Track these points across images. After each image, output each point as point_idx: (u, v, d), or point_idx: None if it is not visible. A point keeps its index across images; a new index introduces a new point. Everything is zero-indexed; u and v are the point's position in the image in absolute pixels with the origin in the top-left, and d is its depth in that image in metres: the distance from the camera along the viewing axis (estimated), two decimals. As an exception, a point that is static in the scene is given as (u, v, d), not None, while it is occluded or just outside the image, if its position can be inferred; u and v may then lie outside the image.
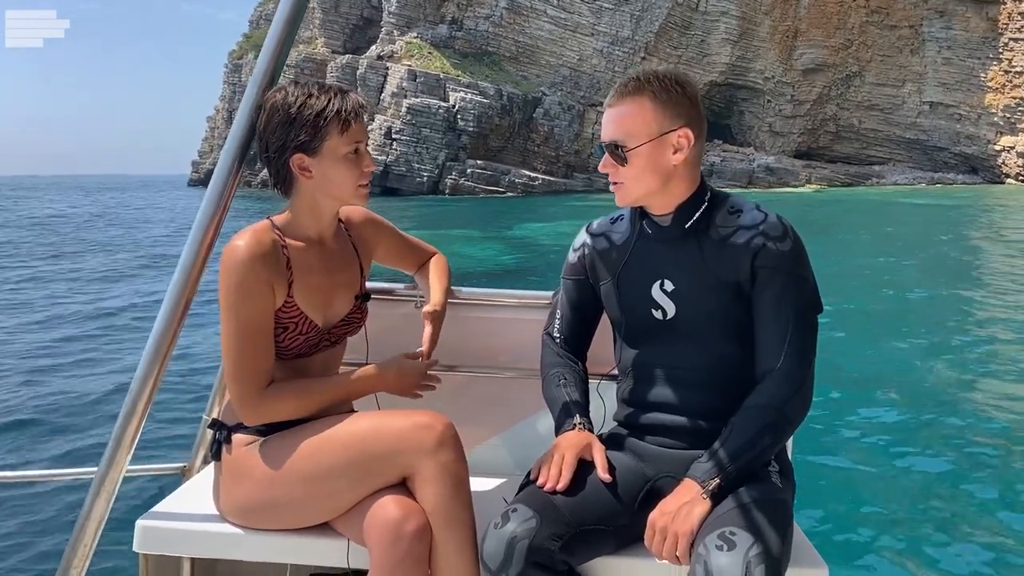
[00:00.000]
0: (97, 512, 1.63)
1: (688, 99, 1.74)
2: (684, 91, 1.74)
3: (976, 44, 71.85)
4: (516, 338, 2.29)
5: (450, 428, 1.73)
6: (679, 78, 1.76)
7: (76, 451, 5.80)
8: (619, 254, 1.87)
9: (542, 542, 1.59)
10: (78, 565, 1.63)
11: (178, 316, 1.67)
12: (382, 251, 2.15)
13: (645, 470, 1.81)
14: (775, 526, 1.54)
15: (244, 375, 1.76)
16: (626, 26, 69.84)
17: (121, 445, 1.63)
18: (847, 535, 4.52)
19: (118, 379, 7.71)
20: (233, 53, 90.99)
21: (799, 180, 68.28)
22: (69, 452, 5.79)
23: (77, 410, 6.88)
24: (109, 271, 17.49)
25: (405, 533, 1.64)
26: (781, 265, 1.70)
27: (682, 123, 1.72)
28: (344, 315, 1.95)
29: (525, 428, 2.31)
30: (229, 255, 1.75)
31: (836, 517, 4.74)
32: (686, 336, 1.78)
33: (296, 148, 1.79)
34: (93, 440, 5.96)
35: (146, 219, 38.65)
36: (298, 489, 1.73)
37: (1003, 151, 70.49)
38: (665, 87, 1.72)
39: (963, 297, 13.58)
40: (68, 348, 9.50)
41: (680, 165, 1.73)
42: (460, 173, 60.11)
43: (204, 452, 2.18)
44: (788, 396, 1.66)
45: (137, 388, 1.64)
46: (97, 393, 7.36)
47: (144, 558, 1.93)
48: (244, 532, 1.81)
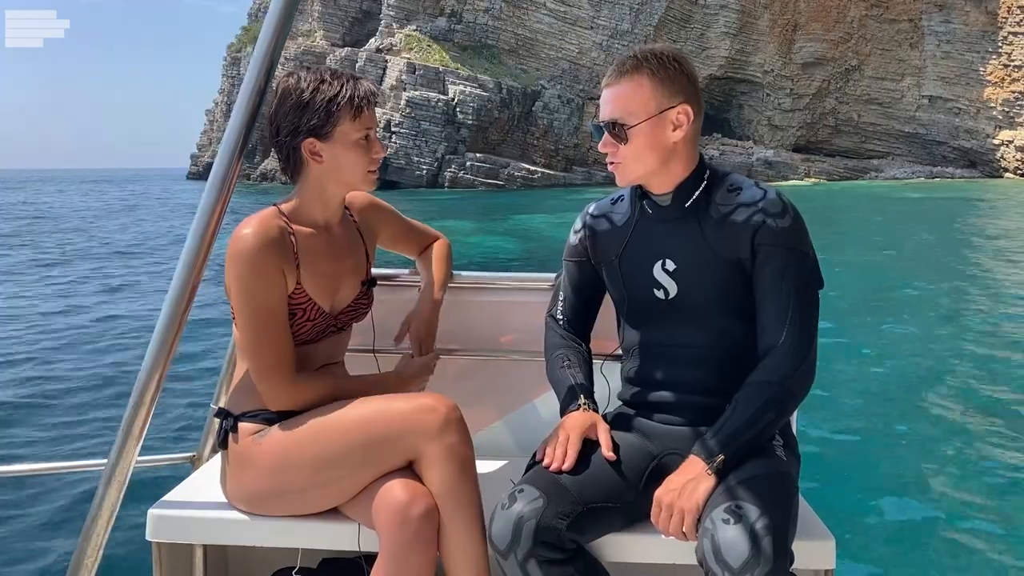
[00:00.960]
0: (108, 503, 1.64)
1: (686, 75, 1.75)
2: (681, 67, 1.75)
3: (975, 38, 71.71)
4: (519, 321, 2.31)
5: (455, 410, 1.74)
6: (676, 55, 1.76)
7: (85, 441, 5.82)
8: (620, 235, 1.88)
9: (550, 521, 1.60)
10: (91, 555, 1.64)
11: (183, 306, 1.67)
12: (385, 235, 2.16)
13: (651, 448, 1.83)
14: (780, 498, 1.56)
15: (269, 362, 1.78)
16: (625, 19, 69.64)
17: (130, 436, 1.63)
18: (853, 506, 4.56)
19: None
20: (232, 46, 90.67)
21: (798, 174, 68.23)
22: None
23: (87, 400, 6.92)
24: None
25: (413, 515, 1.65)
26: (781, 241, 1.71)
27: (681, 100, 1.73)
28: (351, 301, 1.96)
29: (529, 410, 2.32)
30: (238, 244, 1.75)
31: (841, 488, 4.79)
32: (688, 315, 1.79)
33: (308, 132, 1.81)
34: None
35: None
36: (305, 475, 1.75)
37: (1002, 145, 70.41)
38: (663, 64, 1.73)
39: (960, 279, 13.65)
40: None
41: (680, 142, 1.74)
42: (459, 166, 60.01)
43: (213, 441, 2.20)
44: (791, 371, 1.67)
45: (144, 379, 1.64)
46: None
47: (157, 546, 1.95)
48: (254, 518, 1.82)
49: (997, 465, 5.21)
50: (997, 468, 5.17)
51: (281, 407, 1.81)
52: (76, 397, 7.05)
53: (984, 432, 5.83)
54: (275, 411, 1.82)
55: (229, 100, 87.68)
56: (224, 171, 1.68)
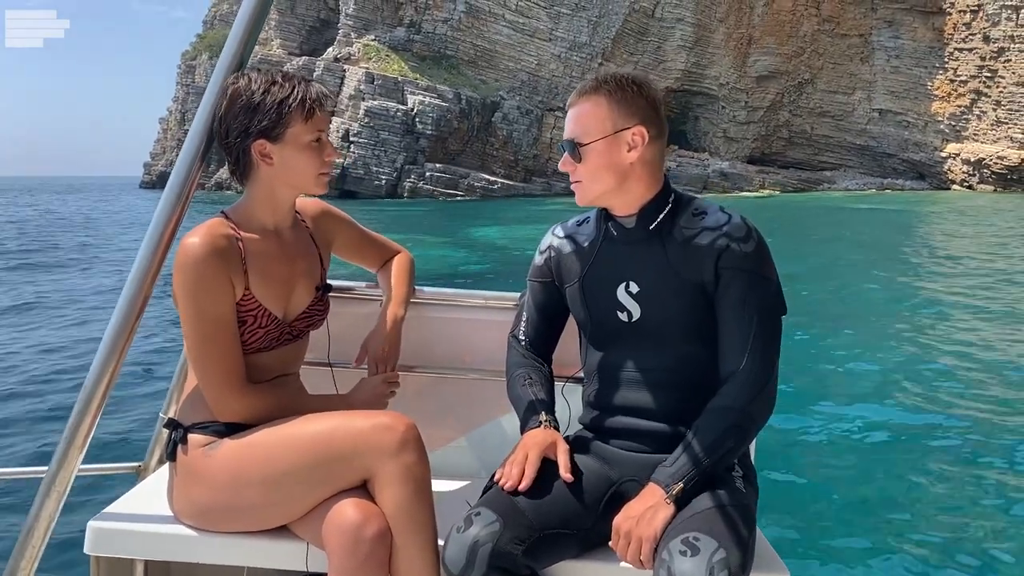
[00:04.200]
0: (47, 513, 1.58)
1: (644, 98, 1.76)
2: (640, 91, 1.76)
3: (923, 53, 73.68)
4: (481, 339, 2.28)
5: (412, 429, 1.70)
6: (636, 79, 1.78)
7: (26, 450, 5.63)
8: (585, 256, 1.87)
9: (505, 546, 1.58)
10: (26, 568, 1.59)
11: (135, 312, 1.63)
12: (340, 244, 2.12)
13: (610, 473, 1.81)
14: (738, 531, 1.55)
15: (217, 372, 1.73)
16: (583, 32, 70.27)
17: (73, 444, 1.58)
18: (809, 540, 4.56)
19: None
20: (187, 54, 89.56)
21: (753, 185, 69.31)
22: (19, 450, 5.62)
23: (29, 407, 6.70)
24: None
25: (365, 537, 1.61)
26: (744, 266, 1.71)
27: (636, 121, 1.74)
28: (305, 307, 1.93)
29: (489, 430, 2.29)
30: (184, 253, 1.71)
31: (798, 522, 4.77)
32: (651, 338, 1.79)
33: (259, 134, 1.77)
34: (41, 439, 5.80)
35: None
36: (255, 491, 1.70)
37: (949, 158, 72.33)
38: (620, 86, 1.75)
39: (916, 295, 13.89)
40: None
41: (636, 163, 1.74)
42: (419, 176, 59.87)
43: (160, 452, 2.14)
44: (751, 397, 1.67)
45: (91, 385, 1.60)
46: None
47: (96, 560, 1.87)
48: (199, 534, 1.76)
49: (957, 496, 5.19)
50: (957, 500, 5.14)
51: (230, 419, 1.76)
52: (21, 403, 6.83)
53: (944, 463, 5.77)
54: (226, 423, 1.77)
55: (183, 108, 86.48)
56: (184, 175, 1.65)
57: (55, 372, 8.03)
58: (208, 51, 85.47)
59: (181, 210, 1.68)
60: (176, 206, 1.66)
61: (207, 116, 1.74)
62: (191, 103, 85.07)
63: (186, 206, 1.69)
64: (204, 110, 1.72)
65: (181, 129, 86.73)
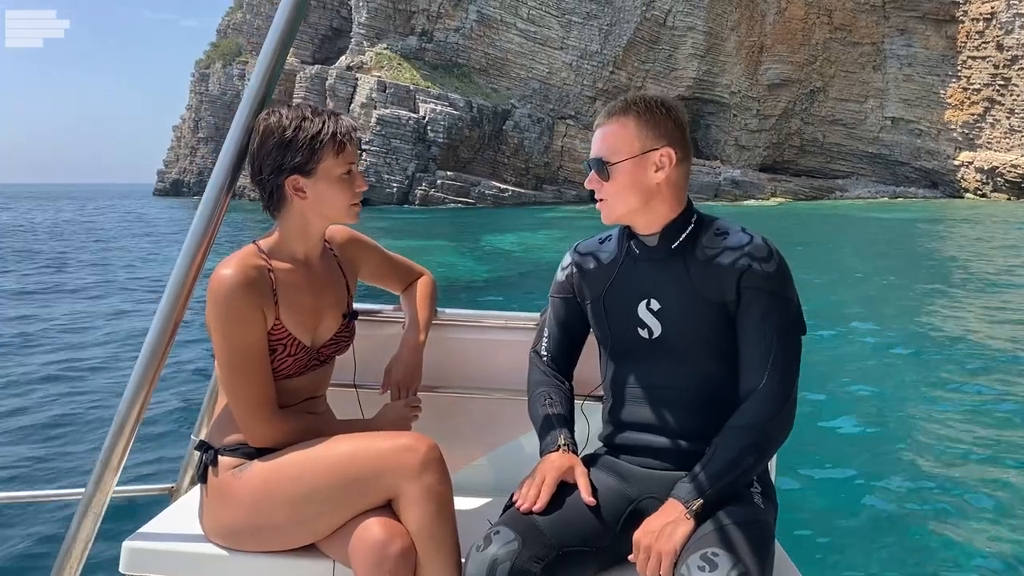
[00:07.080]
0: (84, 534, 1.62)
1: (672, 121, 1.79)
2: (668, 113, 1.79)
3: (936, 61, 73.43)
4: (502, 359, 2.31)
5: (434, 450, 1.74)
6: (665, 102, 1.81)
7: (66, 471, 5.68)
8: (606, 273, 1.90)
9: (524, 565, 1.60)
10: None
11: (168, 335, 1.66)
12: (367, 270, 2.16)
13: (628, 491, 1.83)
14: (756, 547, 1.57)
15: (247, 401, 1.78)
16: (595, 40, 70.36)
17: (108, 466, 1.62)
18: (829, 556, 4.53)
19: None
20: (200, 62, 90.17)
21: (764, 193, 69.17)
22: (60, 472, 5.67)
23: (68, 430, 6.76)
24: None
25: (389, 555, 1.65)
26: (766, 286, 1.73)
27: (664, 143, 1.77)
28: (332, 334, 1.97)
29: (511, 449, 2.32)
30: (217, 284, 1.75)
31: (818, 538, 4.74)
32: (671, 355, 1.81)
33: (292, 170, 1.82)
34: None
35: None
36: (283, 512, 1.74)
37: (962, 166, 71.99)
38: (649, 108, 1.78)
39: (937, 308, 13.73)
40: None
41: (662, 184, 1.78)
42: (430, 184, 60.04)
43: (192, 473, 2.18)
44: (770, 415, 1.69)
45: (125, 409, 1.63)
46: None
47: None
48: (230, 553, 1.80)
49: (978, 508, 5.14)
50: (979, 511, 5.09)
51: (259, 444, 1.81)
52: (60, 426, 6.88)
53: (969, 476, 5.71)
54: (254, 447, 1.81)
55: (197, 116, 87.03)
56: (215, 200, 1.68)
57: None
58: (222, 59, 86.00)
59: (213, 231, 1.71)
60: (208, 228, 1.70)
61: (238, 138, 1.77)
62: (204, 111, 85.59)
63: (217, 228, 1.73)
64: (234, 134, 1.76)
65: (195, 137, 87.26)
